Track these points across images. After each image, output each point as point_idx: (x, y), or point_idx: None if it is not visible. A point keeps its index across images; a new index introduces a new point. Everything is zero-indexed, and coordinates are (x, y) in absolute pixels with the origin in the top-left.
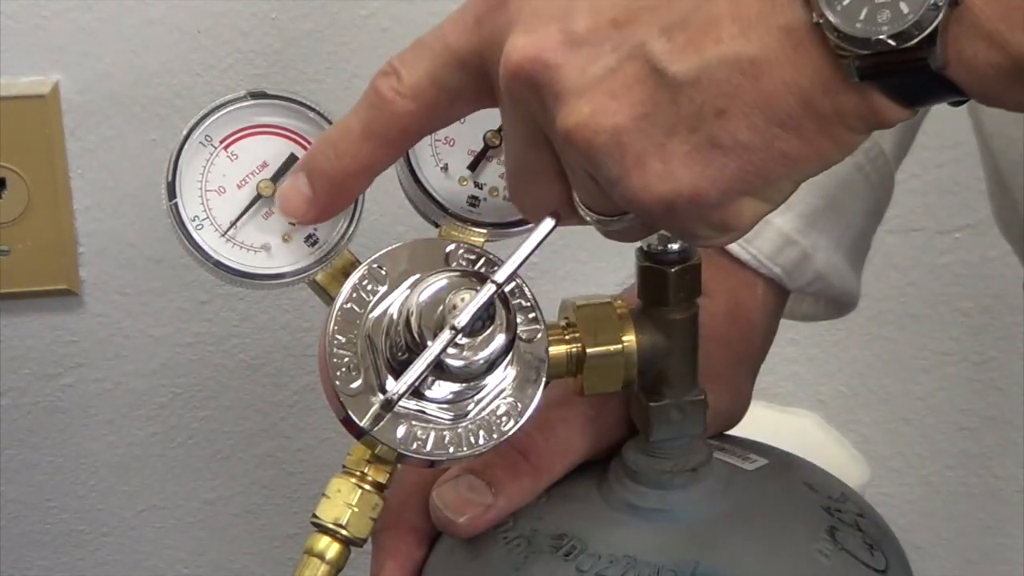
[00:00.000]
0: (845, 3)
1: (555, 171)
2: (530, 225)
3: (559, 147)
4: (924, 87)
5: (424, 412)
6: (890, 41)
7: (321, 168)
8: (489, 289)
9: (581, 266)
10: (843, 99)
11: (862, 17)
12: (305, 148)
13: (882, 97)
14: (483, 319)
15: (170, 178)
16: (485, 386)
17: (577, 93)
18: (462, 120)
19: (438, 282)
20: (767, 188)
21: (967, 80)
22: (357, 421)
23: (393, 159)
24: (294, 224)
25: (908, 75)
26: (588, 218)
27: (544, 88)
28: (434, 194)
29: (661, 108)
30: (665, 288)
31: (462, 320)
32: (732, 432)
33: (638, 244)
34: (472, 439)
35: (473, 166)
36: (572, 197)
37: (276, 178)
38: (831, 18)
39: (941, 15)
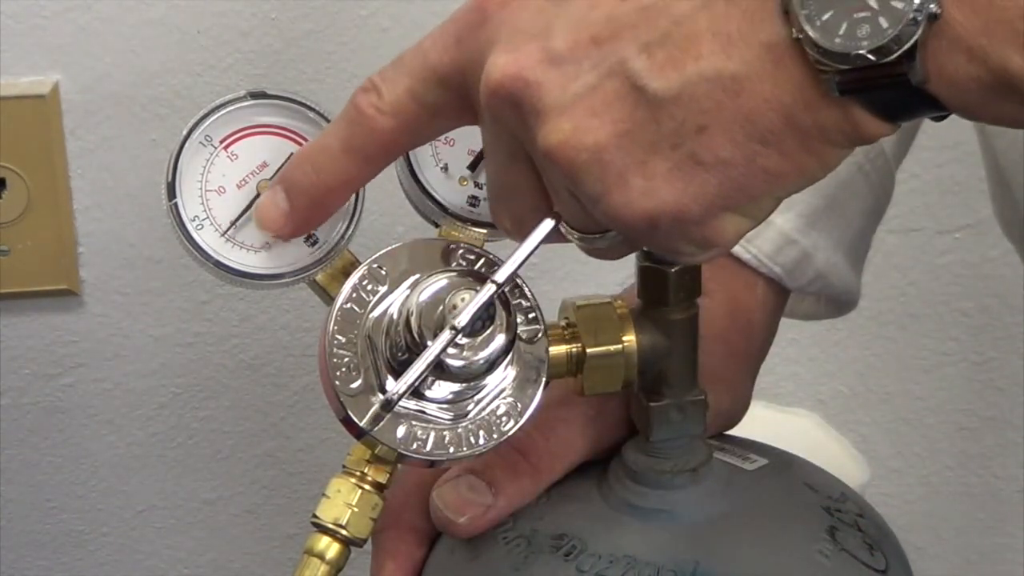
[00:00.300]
0: (824, 18)
1: (536, 189)
2: None
3: (541, 165)
4: (905, 102)
5: (424, 412)
6: (869, 56)
7: (299, 183)
8: (489, 289)
9: (581, 266)
10: (824, 114)
11: (841, 32)
12: None
13: (863, 112)
14: (483, 319)
15: (170, 178)
16: (485, 386)
17: (558, 111)
18: None
19: (438, 282)
20: (749, 204)
21: (948, 94)
22: (357, 421)
23: (372, 175)
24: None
25: (888, 90)
26: (570, 236)
27: (525, 106)
28: (434, 194)
29: (642, 125)
30: (665, 288)
31: (462, 320)
32: (732, 432)
33: None
34: (472, 439)
35: (473, 166)
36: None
37: None
38: (811, 33)
39: (920, 29)
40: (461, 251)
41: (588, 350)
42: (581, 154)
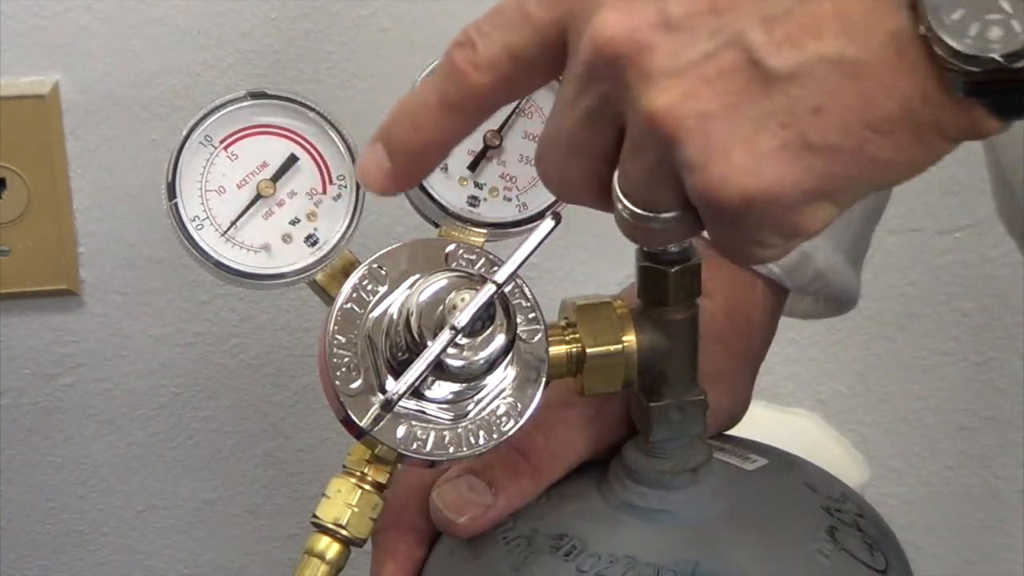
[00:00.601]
0: (954, 17)
1: (605, 153)
2: (530, 225)
3: (636, 128)
4: None
5: (424, 412)
6: (1001, 60)
7: (400, 140)
8: (489, 289)
9: (581, 266)
10: (944, 111)
11: (972, 33)
12: (305, 148)
13: (983, 111)
14: (483, 319)
15: (170, 178)
16: (485, 386)
17: (668, 75)
18: None
19: (438, 282)
20: (846, 193)
21: None
22: (357, 421)
23: (472, 129)
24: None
25: (1014, 93)
26: (621, 207)
27: (632, 67)
28: (434, 194)
29: (754, 100)
30: (665, 288)
31: (462, 320)
32: (732, 432)
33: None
34: (472, 439)
35: (473, 166)
36: (611, 183)
37: (276, 178)
38: (939, 32)
39: None
40: (461, 251)
41: (588, 350)
42: (687, 120)
